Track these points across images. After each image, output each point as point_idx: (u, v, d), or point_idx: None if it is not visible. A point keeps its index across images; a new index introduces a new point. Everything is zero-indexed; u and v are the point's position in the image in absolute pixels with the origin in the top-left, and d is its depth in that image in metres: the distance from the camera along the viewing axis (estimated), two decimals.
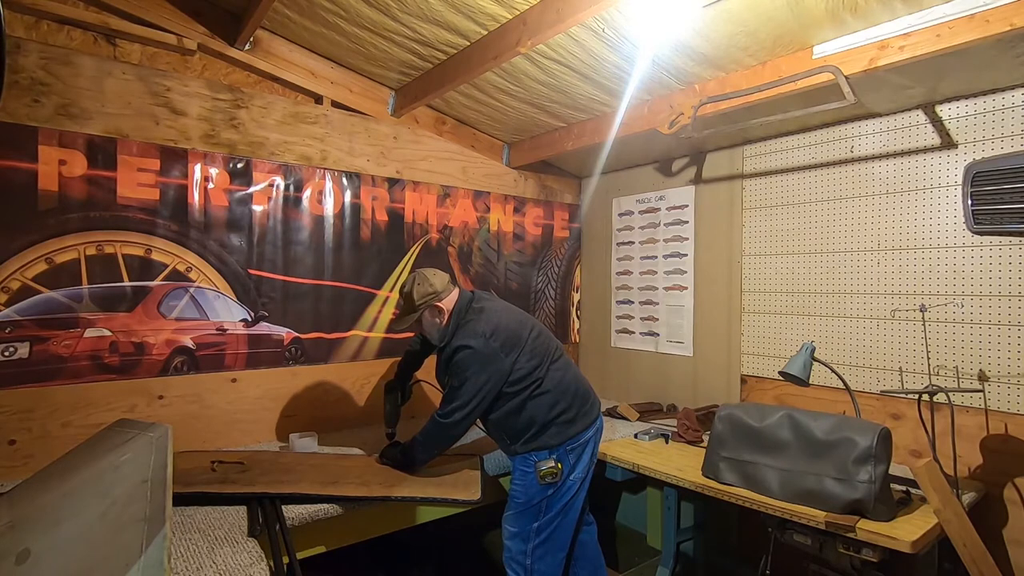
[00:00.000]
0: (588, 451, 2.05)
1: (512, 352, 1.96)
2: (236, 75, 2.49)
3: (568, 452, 1.99)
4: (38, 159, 2.02)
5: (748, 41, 2.05)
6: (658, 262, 3.28)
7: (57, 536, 1.17)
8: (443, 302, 2.02)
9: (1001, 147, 2.05)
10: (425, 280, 2.03)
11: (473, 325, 1.97)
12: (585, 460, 2.04)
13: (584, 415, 2.05)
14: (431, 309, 2.02)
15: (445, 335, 2.01)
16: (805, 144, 2.62)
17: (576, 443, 2.01)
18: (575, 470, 2.00)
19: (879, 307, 2.37)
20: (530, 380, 1.97)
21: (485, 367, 1.92)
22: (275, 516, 1.72)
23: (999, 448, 2.03)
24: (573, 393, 2.04)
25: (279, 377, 2.56)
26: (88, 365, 2.11)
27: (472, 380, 1.92)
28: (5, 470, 1.94)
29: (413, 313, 2.03)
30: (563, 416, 1.99)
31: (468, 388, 1.92)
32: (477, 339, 1.92)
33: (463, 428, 1.99)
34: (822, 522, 1.72)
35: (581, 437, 2.02)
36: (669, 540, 2.66)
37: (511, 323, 2.03)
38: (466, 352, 1.92)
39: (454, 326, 2.00)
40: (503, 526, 2.02)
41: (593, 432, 2.07)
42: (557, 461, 1.95)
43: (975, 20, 1.66)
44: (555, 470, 1.93)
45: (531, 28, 2.00)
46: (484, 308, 2.04)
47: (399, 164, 2.93)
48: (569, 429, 1.99)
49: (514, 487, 2.03)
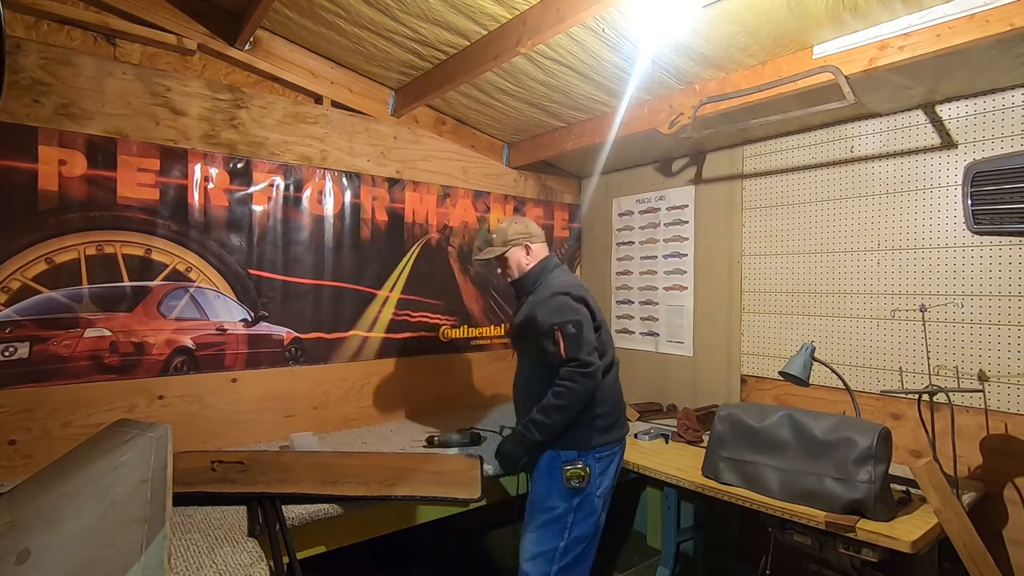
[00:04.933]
0: (614, 466, 1.99)
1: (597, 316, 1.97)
2: (236, 75, 2.49)
3: (598, 459, 1.92)
4: (38, 159, 2.02)
5: (748, 41, 2.05)
6: (658, 262, 3.28)
7: (57, 536, 1.17)
8: (535, 246, 2.09)
9: (1001, 147, 2.05)
10: (524, 222, 2.12)
11: (565, 279, 2.01)
12: (610, 476, 1.97)
13: (619, 427, 2.01)
14: (523, 248, 2.08)
15: (530, 278, 2.06)
16: (805, 144, 2.62)
17: (606, 452, 1.94)
18: (601, 485, 1.93)
19: (879, 307, 2.37)
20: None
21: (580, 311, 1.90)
22: (275, 516, 1.72)
23: (999, 448, 2.03)
24: (617, 401, 2.02)
25: (279, 377, 2.56)
26: (88, 365, 2.11)
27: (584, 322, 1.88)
28: (5, 470, 1.94)
29: (503, 247, 2.08)
30: (601, 420, 1.93)
31: (586, 330, 1.87)
32: (576, 288, 1.96)
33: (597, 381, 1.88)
34: (822, 522, 1.72)
35: (612, 447, 1.97)
36: (669, 540, 2.66)
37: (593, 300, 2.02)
38: (564, 298, 1.91)
39: (538, 274, 2.05)
40: (522, 546, 1.91)
41: (620, 448, 2.02)
42: (585, 465, 1.88)
43: (975, 20, 1.66)
44: (582, 473, 1.86)
45: (531, 28, 2.00)
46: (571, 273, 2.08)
47: (399, 164, 2.93)
48: (604, 436, 1.93)
49: (535, 492, 1.94)
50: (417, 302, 3.00)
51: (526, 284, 2.09)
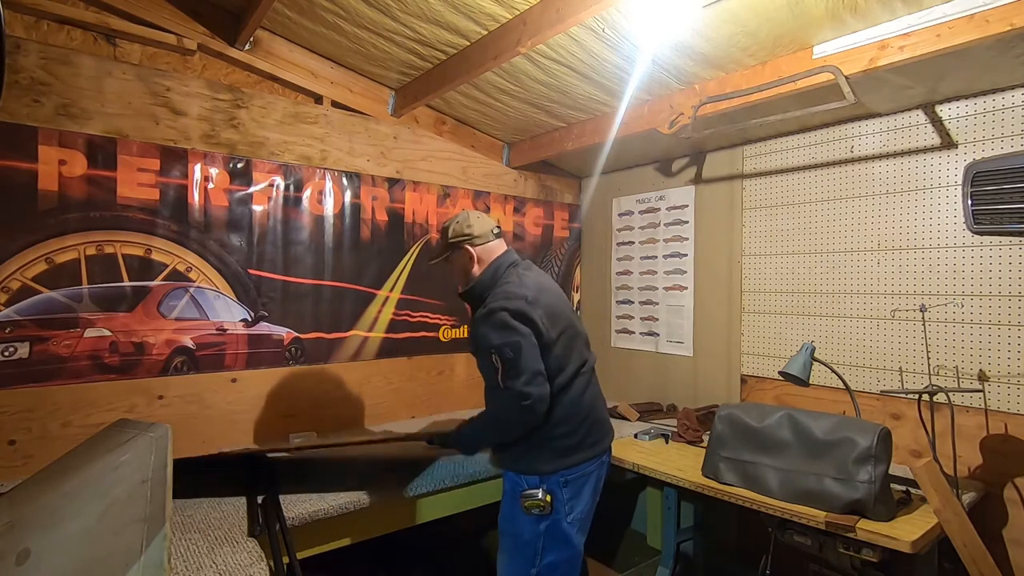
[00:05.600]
0: (590, 486, 1.74)
1: (551, 330, 1.68)
2: (236, 75, 2.48)
3: (563, 485, 1.68)
4: (38, 159, 2.02)
5: (748, 41, 2.05)
6: (658, 262, 3.28)
7: (57, 536, 1.17)
8: (478, 248, 1.79)
9: (1001, 147, 2.04)
10: (465, 220, 1.82)
11: (512, 287, 1.70)
12: (586, 498, 1.73)
13: (591, 444, 1.75)
14: (460, 251, 1.80)
15: (476, 288, 1.78)
16: (805, 144, 2.62)
17: (575, 474, 1.70)
18: (573, 510, 1.69)
19: (879, 307, 2.37)
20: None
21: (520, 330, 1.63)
22: (275, 516, 1.73)
23: (999, 448, 2.03)
24: (585, 416, 1.74)
25: (279, 377, 2.56)
26: (88, 365, 2.11)
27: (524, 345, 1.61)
28: (5, 470, 1.94)
29: (444, 252, 1.84)
30: (563, 441, 1.69)
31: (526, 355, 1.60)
32: (517, 301, 1.65)
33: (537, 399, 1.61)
34: (822, 522, 1.72)
35: (585, 467, 1.72)
36: (669, 540, 2.66)
37: (557, 302, 1.76)
38: (502, 315, 1.63)
39: (489, 281, 1.76)
40: (497, 565, 1.75)
41: (597, 466, 1.77)
42: (546, 493, 1.65)
43: (975, 20, 1.66)
44: (542, 504, 1.64)
45: (531, 28, 2.00)
46: (531, 271, 1.80)
47: (399, 164, 2.93)
48: (569, 458, 1.69)
49: (501, 513, 1.75)
50: (417, 302, 3.00)
51: (474, 296, 1.80)
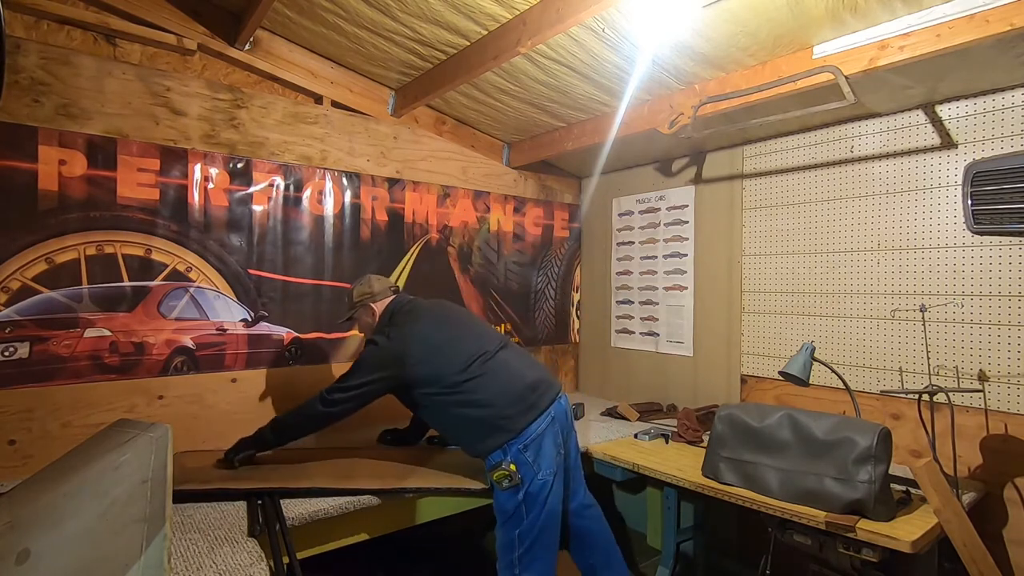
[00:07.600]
0: (548, 441, 1.94)
1: (422, 364, 1.97)
2: (236, 75, 2.48)
3: (523, 451, 1.89)
4: (38, 159, 2.02)
5: (748, 41, 2.05)
6: (658, 262, 3.28)
7: (57, 536, 1.17)
8: (376, 304, 2.18)
9: (1001, 147, 2.05)
10: (368, 283, 2.22)
11: (391, 329, 2.05)
12: (549, 452, 1.93)
13: (530, 409, 1.95)
14: (365, 309, 2.19)
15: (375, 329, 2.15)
16: (805, 144, 2.62)
17: (527, 439, 1.90)
18: (541, 468, 1.90)
19: (879, 307, 2.37)
20: (454, 390, 1.94)
21: (379, 367, 1.97)
22: (275, 516, 1.72)
23: (999, 448, 2.03)
24: (515, 385, 1.97)
25: (279, 377, 2.56)
26: (88, 365, 2.11)
27: (361, 372, 1.98)
28: (5, 470, 1.94)
29: (351, 310, 2.23)
30: (506, 411, 1.92)
31: (354, 378, 1.97)
32: (381, 337, 2.02)
33: (336, 414, 1.98)
34: (822, 522, 1.72)
35: (531, 432, 1.91)
36: (669, 540, 2.66)
37: (434, 334, 2.04)
38: (369, 347, 2.03)
39: (380, 328, 2.13)
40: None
41: (547, 422, 1.96)
42: (511, 462, 1.87)
43: (975, 20, 1.66)
44: (508, 473, 1.86)
45: (531, 28, 2.00)
46: (412, 315, 2.10)
47: (399, 164, 2.93)
48: (514, 426, 1.91)
49: (494, 499, 1.97)
50: None
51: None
